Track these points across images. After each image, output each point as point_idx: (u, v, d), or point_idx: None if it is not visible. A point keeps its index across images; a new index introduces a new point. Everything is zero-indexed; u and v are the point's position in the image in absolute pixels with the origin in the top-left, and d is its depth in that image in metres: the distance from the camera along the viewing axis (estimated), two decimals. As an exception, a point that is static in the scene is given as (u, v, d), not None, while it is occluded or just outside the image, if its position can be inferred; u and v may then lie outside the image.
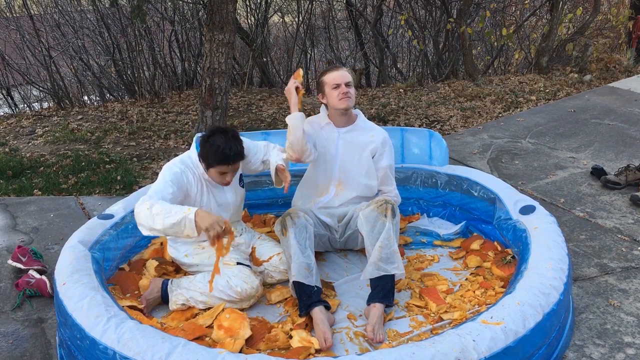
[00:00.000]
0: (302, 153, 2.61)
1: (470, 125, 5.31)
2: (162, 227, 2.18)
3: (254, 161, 2.70)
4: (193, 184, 2.47)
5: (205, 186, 2.51)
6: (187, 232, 2.18)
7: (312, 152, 2.65)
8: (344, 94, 2.65)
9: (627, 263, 2.83)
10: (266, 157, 2.72)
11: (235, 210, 2.66)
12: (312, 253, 2.49)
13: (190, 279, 2.48)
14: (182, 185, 2.41)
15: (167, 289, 2.47)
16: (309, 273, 2.40)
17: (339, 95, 2.66)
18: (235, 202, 2.62)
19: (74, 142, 5.18)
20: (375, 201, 2.56)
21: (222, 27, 4.30)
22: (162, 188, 2.34)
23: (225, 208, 2.58)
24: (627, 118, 5.15)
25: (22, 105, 7.92)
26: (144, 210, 2.21)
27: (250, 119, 5.78)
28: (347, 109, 2.70)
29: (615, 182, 3.68)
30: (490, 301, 2.41)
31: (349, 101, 2.66)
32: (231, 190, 2.59)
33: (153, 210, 2.19)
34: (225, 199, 2.57)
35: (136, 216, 2.25)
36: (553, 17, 7.20)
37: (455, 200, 3.17)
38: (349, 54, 9.81)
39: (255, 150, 2.71)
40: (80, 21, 7.55)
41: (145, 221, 2.21)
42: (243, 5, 8.28)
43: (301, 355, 2.10)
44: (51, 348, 2.31)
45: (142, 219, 2.22)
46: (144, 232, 2.26)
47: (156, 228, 2.20)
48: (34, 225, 3.37)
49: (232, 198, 2.60)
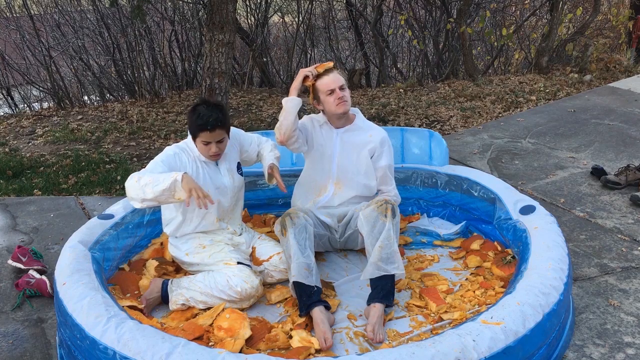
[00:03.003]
0: (289, 138, 2.63)
1: (470, 125, 5.31)
2: (153, 195, 2.25)
3: (250, 151, 2.75)
4: (188, 166, 2.50)
5: (201, 167, 2.54)
6: (178, 195, 2.26)
7: (299, 142, 2.67)
8: (339, 99, 2.64)
9: (627, 263, 2.83)
10: (260, 149, 2.78)
11: (233, 195, 2.65)
12: (312, 253, 2.49)
13: (191, 279, 2.48)
14: (174, 166, 2.46)
15: (167, 289, 2.47)
16: (309, 273, 2.40)
17: (335, 101, 2.64)
18: (232, 187, 2.63)
19: (74, 142, 5.18)
20: (375, 201, 2.56)
21: (222, 27, 4.30)
22: (153, 167, 2.41)
23: (223, 191, 2.59)
24: (627, 118, 5.15)
25: (22, 105, 7.92)
26: (133, 184, 2.29)
27: (250, 119, 5.78)
28: (345, 113, 2.70)
29: (615, 182, 3.68)
30: (490, 301, 2.41)
31: (345, 105, 2.66)
32: (228, 175, 2.61)
33: (141, 182, 2.27)
34: (222, 182, 2.59)
35: (127, 191, 2.32)
36: (553, 17, 7.19)
37: (455, 200, 3.17)
38: (349, 54, 9.81)
39: (249, 140, 2.77)
40: (80, 21, 7.55)
41: (136, 193, 2.28)
42: (243, 5, 8.28)
43: (301, 355, 2.10)
44: (51, 348, 2.31)
45: (132, 192, 2.29)
46: (136, 205, 2.34)
47: (147, 198, 2.27)
48: (34, 225, 3.37)
49: (229, 182, 2.61)
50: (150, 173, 2.34)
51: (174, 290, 2.46)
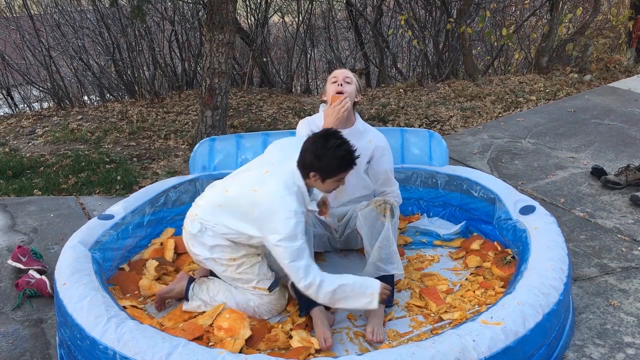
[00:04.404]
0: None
1: (470, 125, 5.31)
2: (342, 305, 2.18)
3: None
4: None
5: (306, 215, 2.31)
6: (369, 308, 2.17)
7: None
8: (340, 85, 2.68)
9: (627, 263, 2.83)
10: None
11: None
12: (312, 253, 2.48)
13: (211, 296, 2.39)
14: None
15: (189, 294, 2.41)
16: (309, 273, 2.39)
17: (335, 90, 2.68)
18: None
19: (74, 142, 5.18)
20: (374, 201, 2.56)
21: (222, 27, 4.29)
22: (302, 246, 2.12)
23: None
24: (627, 118, 5.15)
25: (22, 105, 7.92)
26: (324, 296, 2.11)
27: (250, 119, 5.78)
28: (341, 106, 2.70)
29: (615, 182, 3.68)
30: (490, 301, 2.41)
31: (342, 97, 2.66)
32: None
33: (336, 295, 2.11)
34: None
35: (309, 294, 2.13)
36: (553, 17, 7.19)
37: (455, 200, 3.17)
38: (349, 54, 9.81)
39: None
40: (80, 21, 7.54)
41: (323, 301, 2.15)
42: (243, 5, 8.27)
43: (301, 355, 2.10)
44: (51, 348, 2.31)
45: (320, 299, 2.14)
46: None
47: (335, 305, 2.19)
48: (34, 225, 3.37)
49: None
50: (308, 256, 2.13)
51: (194, 297, 2.41)
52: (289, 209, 2.11)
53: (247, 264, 2.34)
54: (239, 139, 3.29)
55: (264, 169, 2.27)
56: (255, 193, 2.17)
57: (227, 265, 2.33)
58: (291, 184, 2.19)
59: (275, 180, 2.18)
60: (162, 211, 3.01)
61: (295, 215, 2.10)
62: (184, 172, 4.17)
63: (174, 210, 3.07)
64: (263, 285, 2.35)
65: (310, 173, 2.20)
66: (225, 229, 2.27)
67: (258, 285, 2.35)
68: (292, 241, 2.09)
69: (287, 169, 2.23)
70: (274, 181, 2.18)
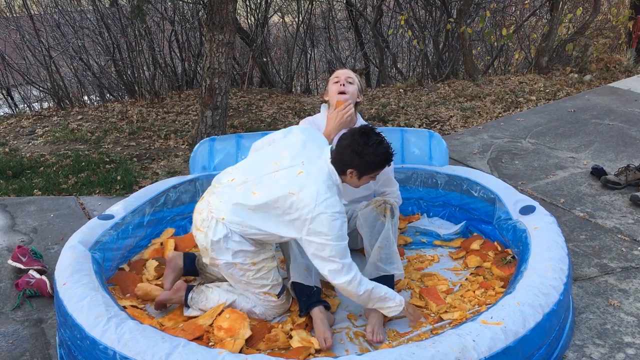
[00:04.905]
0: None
1: (470, 125, 5.31)
2: (371, 305, 2.23)
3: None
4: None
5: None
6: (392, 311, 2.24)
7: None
8: (342, 85, 2.70)
9: (627, 263, 2.83)
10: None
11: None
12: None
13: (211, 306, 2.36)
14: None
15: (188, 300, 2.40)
16: (308, 273, 2.40)
17: (338, 90, 2.70)
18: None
19: (74, 142, 5.18)
20: (374, 201, 2.56)
21: (222, 27, 4.29)
22: (347, 244, 2.15)
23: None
24: (627, 118, 5.15)
25: (22, 105, 7.92)
26: (364, 293, 2.15)
27: (250, 119, 5.78)
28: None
29: (615, 182, 3.68)
30: (490, 301, 2.41)
31: (343, 97, 2.67)
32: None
33: (372, 294, 2.17)
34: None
35: (349, 289, 2.15)
36: (553, 17, 7.19)
37: (455, 200, 3.17)
38: (349, 54, 9.81)
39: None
40: (80, 21, 7.54)
41: (359, 298, 2.19)
42: (243, 5, 8.27)
43: (301, 355, 2.10)
44: (51, 348, 2.31)
45: (358, 295, 2.17)
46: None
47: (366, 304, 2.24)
48: (34, 225, 3.37)
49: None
50: (349, 257, 2.15)
51: (194, 306, 2.39)
52: (333, 210, 2.10)
53: (265, 269, 2.31)
54: (239, 139, 3.29)
55: (295, 169, 2.19)
56: (293, 196, 2.12)
57: (247, 269, 2.28)
58: (331, 184, 2.17)
59: (313, 182, 2.13)
60: (162, 211, 3.01)
61: (340, 216, 2.11)
62: (184, 172, 4.17)
63: (174, 210, 3.07)
64: (274, 291, 2.35)
65: (347, 170, 2.21)
66: (256, 230, 2.22)
67: (270, 291, 2.34)
68: (339, 240, 2.11)
69: (322, 167, 2.20)
70: (313, 183, 2.13)
